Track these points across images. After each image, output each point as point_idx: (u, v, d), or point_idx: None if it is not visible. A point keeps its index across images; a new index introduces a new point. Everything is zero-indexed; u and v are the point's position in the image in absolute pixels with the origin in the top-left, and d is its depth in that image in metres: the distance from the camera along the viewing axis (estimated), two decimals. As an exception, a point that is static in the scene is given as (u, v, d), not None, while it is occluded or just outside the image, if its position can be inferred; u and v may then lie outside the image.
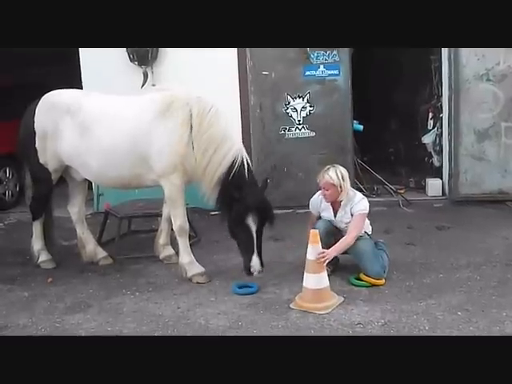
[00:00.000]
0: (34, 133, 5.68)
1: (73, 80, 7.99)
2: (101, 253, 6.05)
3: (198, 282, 5.32)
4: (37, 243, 6.04)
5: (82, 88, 7.43)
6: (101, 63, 7.79)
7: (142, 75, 7.89)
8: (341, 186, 5.11)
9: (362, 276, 5.08)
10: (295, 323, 4.45)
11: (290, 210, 7.65)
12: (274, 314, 4.62)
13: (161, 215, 6.22)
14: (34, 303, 5.09)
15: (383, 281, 5.10)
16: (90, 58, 7.89)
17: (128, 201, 6.72)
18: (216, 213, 7.65)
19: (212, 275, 5.44)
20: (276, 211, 7.64)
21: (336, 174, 5.10)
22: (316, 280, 4.68)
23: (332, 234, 5.20)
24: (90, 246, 6.04)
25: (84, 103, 5.56)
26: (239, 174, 5.10)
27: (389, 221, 7.00)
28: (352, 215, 5.14)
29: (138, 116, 5.35)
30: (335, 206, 5.24)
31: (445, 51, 7.96)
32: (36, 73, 11.11)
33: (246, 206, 4.99)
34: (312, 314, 4.56)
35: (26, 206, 8.73)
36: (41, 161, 5.71)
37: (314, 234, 4.78)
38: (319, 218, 5.37)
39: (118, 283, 5.47)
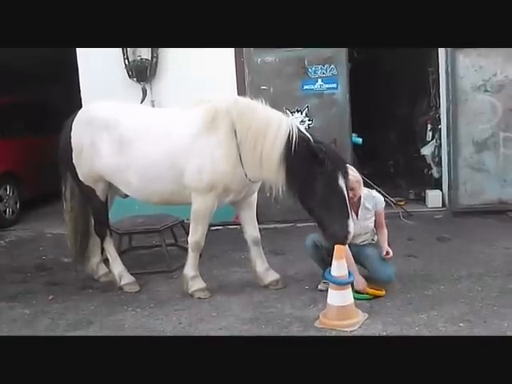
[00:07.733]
0: (71, 149, 5.53)
1: (72, 97, 8.05)
2: (102, 269, 6.03)
3: (199, 298, 5.30)
4: (116, 266, 5.74)
5: (81, 106, 7.46)
6: (100, 80, 7.84)
7: (141, 91, 7.94)
8: (360, 182, 5.13)
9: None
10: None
11: (290, 224, 7.66)
12: (275, 328, 4.60)
13: (161, 231, 6.21)
14: (36, 320, 5.07)
15: (384, 292, 5.09)
16: (89, 76, 7.96)
17: (128, 217, 6.72)
18: (216, 228, 7.77)
19: (213, 290, 5.43)
20: (276, 225, 7.85)
21: (352, 169, 5.06)
22: (341, 297, 4.60)
23: (320, 246, 5.16)
24: (96, 259, 5.99)
25: (122, 118, 5.38)
26: (303, 143, 4.79)
27: (389, 233, 6.96)
28: (374, 210, 5.22)
29: (179, 132, 5.17)
30: (354, 207, 5.10)
31: (442, 63, 8.01)
32: (33, 91, 11.17)
33: (335, 166, 4.70)
34: (314, 328, 4.54)
35: (26, 224, 8.91)
36: (80, 178, 5.58)
37: (340, 249, 4.66)
38: None
39: (119, 300, 5.46)
